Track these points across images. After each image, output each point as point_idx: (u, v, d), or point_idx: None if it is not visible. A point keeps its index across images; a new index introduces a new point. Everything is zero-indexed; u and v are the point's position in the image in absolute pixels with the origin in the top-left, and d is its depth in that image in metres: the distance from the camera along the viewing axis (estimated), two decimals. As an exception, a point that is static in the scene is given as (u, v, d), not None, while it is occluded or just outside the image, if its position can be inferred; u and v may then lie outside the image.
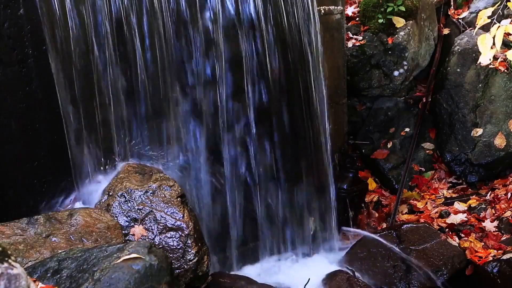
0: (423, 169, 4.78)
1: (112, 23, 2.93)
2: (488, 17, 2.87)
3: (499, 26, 2.70)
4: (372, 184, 4.67)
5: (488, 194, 4.47)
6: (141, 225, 2.72)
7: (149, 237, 2.68)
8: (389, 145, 4.78)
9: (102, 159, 3.02)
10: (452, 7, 5.27)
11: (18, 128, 2.76)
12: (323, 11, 3.96)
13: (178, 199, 2.80)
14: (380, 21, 4.76)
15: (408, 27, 4.76)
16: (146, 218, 2.73)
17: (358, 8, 4.93)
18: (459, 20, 5.17)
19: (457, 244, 3.90)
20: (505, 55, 3.53)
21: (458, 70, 4.81)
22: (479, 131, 4.64)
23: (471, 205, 4.37)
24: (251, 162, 3.56)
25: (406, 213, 4.49)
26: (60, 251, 2.34)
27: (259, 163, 3.57)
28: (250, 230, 3.66)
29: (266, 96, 3.52)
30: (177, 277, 2.60)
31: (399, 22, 4.75)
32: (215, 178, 3.45)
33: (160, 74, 3.12)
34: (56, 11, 2.75)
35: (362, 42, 4.76)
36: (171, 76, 3.18)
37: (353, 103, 4.87)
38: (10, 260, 1.40)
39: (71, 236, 2.52)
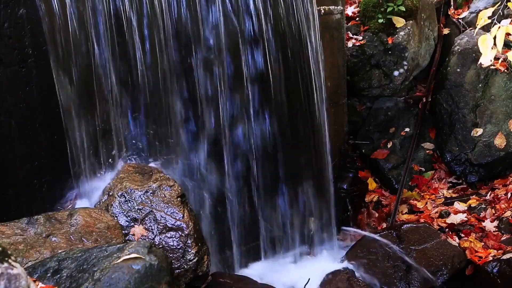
0: (423, 169, 4.78)
1: (112, 23, 2.93)
2: (488, 17, 2.87)
3: (499, 27, 2.69)
4: (372, 184, 4.67)
5: (488, 194, 4.47)
6: (141, 225, 2.72)
7: (149, 237, 2.68)
8: (389, 145, 4.78)
9: (102, 159, 3.02)
10: (452, 7, 5.27)
11: (18, 128, 2.76)
12: (323, 11, 3.96)
13: (178, 199, 2.79)
14: (380, 21, 4.76)
15: (408, 27, 4.76)
16: (146, 218, 2.73)
17: (358, 8, 4.93)
18: (459, 20, 5.17)
19: (457, 244, 3.90)
20: (506, 56, 3.53)
21: (458, 70, 4.81)
22: (479, 131, 4.64)
23: (471, 205, 4.38)
24: (251, 161, 3.56)
25: (406, 213, 4.49)
26: (60, 251, 2.34)
27: (259, 162, 3.57)
28: (250, 230, 3.66)
29: (266, 96, 3.52)
30: (177, 277, 2.60)
31: (399, 22, 4.75)
32: (216, 178, 3.44)
33: (160, 74, 3.12)
34: (56, 11, 2.75)
35: (362, 42, 4.76)
36: (171, 76, 3.18)
37: (353, 103, 4.87)
38: (10, 260, 1.40)
39: (71, 236, 2.51)
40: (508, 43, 4.44)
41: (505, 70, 4.65)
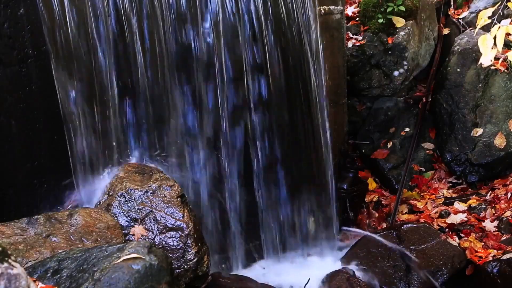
0: (423, 169, 4.78)
1: (112, 22, 2.93)
2: (488, 17, 2.87)
3: (499, 27, 2.69)
4: (372, 184, 4.67)
5: (488, 194, 4.47)
6: (141, 225, 2.72)
7: (149, 237, 2.68)
8: (389, 145, 4.78)
9: (102, 159, 3.02)
10: (452, 7, 5.27)
11: (18, 128, 2.76)
12: (323, 11, 3.96)
13: (178, 199, 2.79)
14: (380, 21, 4.76)
15: (408, 27, 4.76)
16: (146, 218, 2.73)
17: (358, 8, 4.93)
18: (459, 20, 5.17)
19: (457, 244, 3.90)
20: (506, 56, 3.53)
21: (458, 70, 4.81)
22: (479, 131, 4.64)
23: (471, 205, 4.38)
24: (252, 162, 3.56)
25: (406, 213, 4.50)
26: (60, 251, 2.34)
27: (259, 163, 3.57)
28: (250, 230, 3.66)
29: (266, 96, 3.52)
30: (177, 277, 2.60)
31: (399, 22, 4.75)
32: (216, 178, 3.44)
33: (160, 73, 3.12)
34: (56, 11, 2.75)
35: (362, 42, 4.76)
36: (172, 76, 3.18)
37: (353, 103, 4.87)
38: (10, 260, 1.40)
39: (71, 236, 2.51)
40: (508, 43, 4.44)
41: (505, 70, 4.65)
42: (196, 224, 2.79)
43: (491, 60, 2.78)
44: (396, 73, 4.79)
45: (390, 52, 4.74)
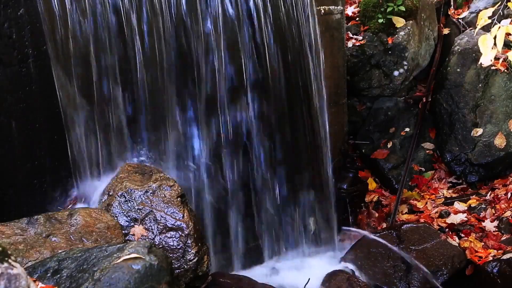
0: (423, 169, 4.78)
1: (111, 22, 2.93)
2: (489, 17, 2.87)
3: (499, 27, 2.69)
4: (372, 184, 4.67)
5: (488, 194, 4.47)
6: (141, 225, 2.72)
7: (149, 237, 2.68)
8: (389, 145, 4.78)
9: (102, 159, 3.02)
10: (452, 7, 5.27)
11: (18, 128, 2.76)
12: (323, 11, 3.96)
13: (178, 199, 2.79)
14: (380, 21, 4.76)
15: (408, 27, 4.76)
16: (146, 218, 2.73)
17: (358, 8, 4.94)
18: (459, 20, 5.18)
19: (457, 244, 3.90)
20: (506, 56, 3.53)
21: (458, 70, 4.81)
22: (479, 131, 4.64)
23: (471, 205, 4.38)
24: (252, 161, 3.56)
25: (406, 213, 4.50)
26: (60, 251, 2.34)
27: (259, 163, 3.57)
28: (250, 230, 3.66)
29: (266, 96, 3.52)
30: (177, 277, 2.60)
31: (399, 22, 4.75)
32: (216, 179, 3.44)
33: (160, 73, 3.12)
34: (56, 11, 2.75)
35: (362, 42, 4.76)
36: (171, 75, 3.18)
37: (353, 103, 4.87)
38: (10, 260, 1.40)
39: (71, 236, 2.51)
40: (508, 43, 4.44)
41: (505, 70, 4.65)
42: (196, 224, 2.79)
43: (491, 60, 2.78)
44: (396, 73, 4.79)
45: (390, 52, 4.74)
